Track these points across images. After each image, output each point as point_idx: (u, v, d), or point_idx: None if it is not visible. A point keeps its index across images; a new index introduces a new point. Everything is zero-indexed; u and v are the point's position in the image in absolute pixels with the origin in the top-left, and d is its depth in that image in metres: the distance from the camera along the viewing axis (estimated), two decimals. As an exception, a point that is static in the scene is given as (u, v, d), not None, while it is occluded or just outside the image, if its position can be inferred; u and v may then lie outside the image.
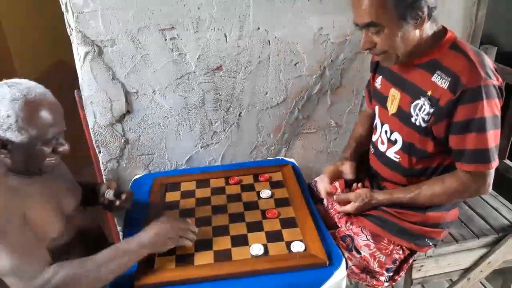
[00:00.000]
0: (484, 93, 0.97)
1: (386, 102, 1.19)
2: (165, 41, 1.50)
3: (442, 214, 1.20)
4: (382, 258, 1.21)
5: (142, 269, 1.07)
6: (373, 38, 1.04)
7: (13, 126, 0.92)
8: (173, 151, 1.72)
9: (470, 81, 0.98)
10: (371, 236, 1.23)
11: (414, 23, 0.99)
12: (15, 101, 0.93)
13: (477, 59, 1.00)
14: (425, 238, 1.21)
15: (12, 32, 3.17)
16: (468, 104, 0.99)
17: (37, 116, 0.95)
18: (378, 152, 1.25)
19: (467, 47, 1.04)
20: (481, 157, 1.03)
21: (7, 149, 0.96)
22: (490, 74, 0.99)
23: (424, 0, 0.97)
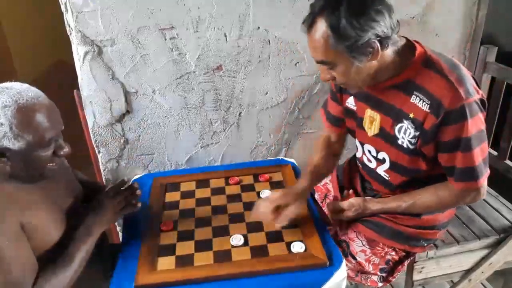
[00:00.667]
0: (468, 112, 0.95)
1: (362, 123, 1.15)
2: (165, 40, 1.49)
3: (437, 216, 1.19)
4: (377, 260, 1.22)
5: (142, 269, 1.06)
6: (330, 72, 1.01)
7: (8, 134, 0.89)
8: (173, 151, 1.72)
9: (452, 103, 0.95)
10: (366, 242, 1.23)
11: (366, 58, 0.94)
12: (6, 108, 0.89)
13: (455, 77, 0.96)
14: (420, 240, 1.21)
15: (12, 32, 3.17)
16: (453, 125, 0.96)
17: (32, 121, 0.91)
18: (367, 168, 1.23)
19: (441, 62, 0.99)
20: (470, 175, 1.02)
21: (6, 157, 0.93)
22: (470, 91, 0.96)
23: (374, 35, 0.91)
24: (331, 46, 0.93)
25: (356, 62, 0.95)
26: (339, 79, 1.02)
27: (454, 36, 1.72)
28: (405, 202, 1.14)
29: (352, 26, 0.90)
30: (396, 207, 1.15)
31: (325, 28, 0.92)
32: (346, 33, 0.90)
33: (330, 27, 0.91)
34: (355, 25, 0.89)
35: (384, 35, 0.92)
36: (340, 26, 0.90)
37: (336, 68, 0.98)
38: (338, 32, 0.91)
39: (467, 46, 1.75)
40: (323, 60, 0.98)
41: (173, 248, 1.14)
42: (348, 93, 1.19)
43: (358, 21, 0.89)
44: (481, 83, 1.63)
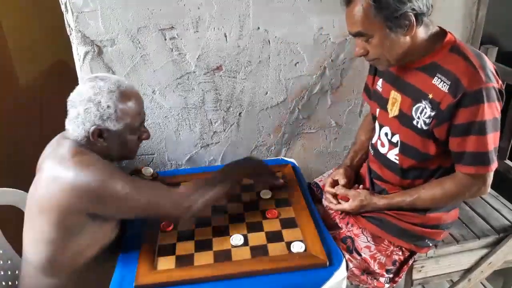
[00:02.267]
0: (485, 96, 0.97)
1: (386, 104, 1.19)
2: (165, 41, 1.49)
3: (442, 215, 1.20)
4: (382, 259, 1.21)
5: (142, 269, 1.07)
6: (365, 45, 1.05)
7: (112, 116, 1.02)
8: (173, 151, 1.72)
9: (471, 84, 0.98)
10: (371, 238, 1.23)
11: (402, 31, 1.00)
12: (112, 93, 1.02)
13: (478, 62, 1.00)
14: (425, 239, 1.21)
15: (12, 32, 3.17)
16: (469, 107, 0.99)
17: (130, 105, 1.05)
18: (378, 153, 1.24)
19: (467, 49, 1.03)
20: (481, 160, 1.03)
21: (103, 138, 1.05)
22: (490, 76, 0.99)
23: (411, 9, 0.96)
24: (370, 16, 0.98)
25: (392, 34, 1.00)
26: (372, 52, 1.05)
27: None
28: (410, 196, 1.15)
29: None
30: (401, 201, 1.16)
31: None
32: (386, 3, 0.96)
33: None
34: None
35: (420, 10, 0.98)
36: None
37: (371, 40, 1.02)
38: (379, 1, 0.96)
39: (467, 46, 1.75)
40: (360, 31, 1.02)
41: (173, 248, 1.14)
42: (379, 76, 1.24)
43: None
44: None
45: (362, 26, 1.01)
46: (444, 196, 1.13)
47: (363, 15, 0.99)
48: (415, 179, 1.18)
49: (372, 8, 0.97)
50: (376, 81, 1.26)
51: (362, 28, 1.01)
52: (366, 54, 1.07)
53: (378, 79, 1.25)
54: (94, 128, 1.02)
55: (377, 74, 1.27)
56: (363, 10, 0.98)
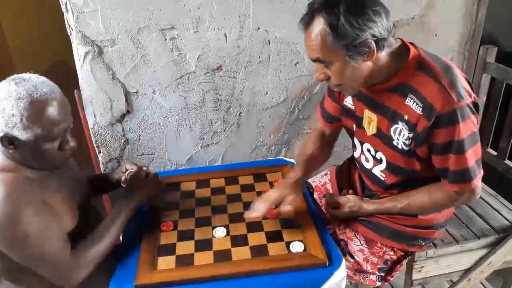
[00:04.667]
0: (459, 116, 0.95)
1: (361, 122, 1.16)
2: (165, 41, 1.50)
3: (434, 216, 1.19)
4: (375, 260, 1.22)
5: (142, 269, 1.07)
6: (325, 71, 1.01)
7: (18, 125, 0.92)
8: (173, 151, 1.72)
9: (443, 106, 0.95)
10: (364, 241, 1.23)
11: (362, 58, 0.95)
12: (20, 100, 0.92)
13: (446, 80, 0.96)
14: (418, 239, 1.21)
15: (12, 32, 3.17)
16: (445, 127, 0.97)
17: (43, 115, 0.94)
18: (364, 168, 1.23)
19: (434, 66, 0.99)
20: (463, 177, 1.02)
21: (14, 145, 0.96)
22: (462, 94, 0.96)
23: (370, 35, 0.91)
24: (328, 44, 0.94)
25: (352, 61, 0.95)
26: (334, 79, 1.02)
27: (454, 36, 1.72)
28: (399, 202, 1.14)
29: (351, 25, 0.90)
30: (391, 207, 1.16)
31: (323, 26, 0.93)
32: (344, 32, 0.91)
33: (329, 25, 0.92)
34: (353, 24, 0.90)
35: (380, 36, 0.93)
36: (339, 25, 0.91)
37: (331, 67, 0.99)
38: (337, 30, 0.91)
39: (466, 46, 1.75)
40: (319, 58, 0.98)
41: (173, 248, 1.14)
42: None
43: (356, 20, 0.90)
44: (481, 83, 1.63)
45: (320, 54, 0.97)
46: (432, 205, 1.12)
47: (321, 42, 0.94)
48: (402, 190, 1.16)
49: (330, 36, 0.92)
50: (344, 97, 1.21)
51: (321, 55, 0.97)
52: (328, 79, 1.03)
53: (345, 96, 1.20)
54: (2, 135, 0.93)
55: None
56: (321, 37, 0.94)
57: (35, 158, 0.99)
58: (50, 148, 0.99)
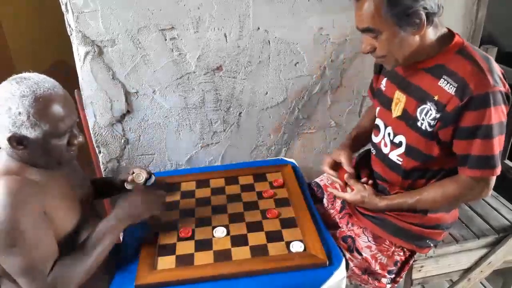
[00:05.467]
0: (492, 100, 0.97)
1: (390, 104, 1.18)
2: (165, 41, 1.50)
3: (442, 215, 1.20)
4: (384, 259, 1.21)
5: (142, 269, 1.07)
6: (373, 42, 1.04)
7: (26, 123, 0.92)
8: (173, 151, 1.72)
9: (478, 87, 0.97)
10: (372, 238, 1.23)
11: (412, 29, 0.98)
12: (24, 98, 0.92)
13: (485, 65, 0.99)
14: (426, 239, 1.21)
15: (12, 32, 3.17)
16: (476, 110, 0.98)
17: (48, 110, 0.94)
18: (381, 154, 1.24)
19: (475, 52, 1.02)
20: (486, 163, 1.03)
21: (23, 145, 0.96)
22: (498, 80, 0.99)
23: (422, 7, 0.95)
24: (382, 12, 0.96)
25: (401, 32, 0.98)
26: (380, 49, 1.04)
27: (454, 36, 1.72)
28: (411, 198, 1.15)
29: None
30: (402, 202, 1.16)
31: None
32: (399, 0, 0.94)
33: None
34: None
35: (431, 10, 0.96)
36: None
37: (380, 36, 1.01)
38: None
39: (466, 46, 1.75)
40: (369, 27, 1.00)
41: (173, 248, 1.14)
42: (384, 74, 1.24)
43: None
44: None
45: (372, 22, 0.99)
46: (445, 199, 1.12)
47: (374, 10, 0.97)
48: (417, 180, 1.17)
49: (384, 4, 0.95)
50: (381, 80, 1.26)
51: (372, 24, 0.99)
52: (373, 51, 1.06)
53: (382, 78, 1.25)
54: (10, 136, 0.93)
55: (382, 73, 1.26)
56: (374, 5, 0.96)
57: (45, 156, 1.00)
58: (59, 144, 0.99)
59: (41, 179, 1.01)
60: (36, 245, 0.95)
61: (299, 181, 1.42)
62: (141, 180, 1.26)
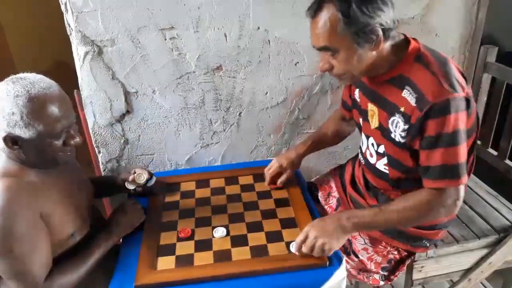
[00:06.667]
0: (451, 107, 0.95)
1: (367, 115, 1.18)
2: (165, 41, 1.50)
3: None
4: (379, 259, 1.22)
5: (142, 269, 1.07)
6: (330, 60, 1.02)
7: (19, 123, 0.91)
8: (173, 151, 1.72)
9: (435, 96, 0.95)
10: (368, 240, 1.23)
11: (369, 46, 0.97)
12: (18, 98, 0.91)
13: (441, 71, 0.97)
14: (422, 240, 1.21)
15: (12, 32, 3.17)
16: (436, 119, 0.96)
17: (42, 111, 0.93)
18: (369, 163, 1.23)
19: (431, 58, 1.00)
20: (450, 173, 0.99)
21: (18, 145, 0.95)
22: (455, 86, 0.96)
23: (379, 24, 0.94)
24: (338, 31, 0.95)
25: (359, 49, 0.98)
26: (338, 67, 1.03)
27: (454, 36, 1.72)
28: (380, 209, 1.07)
29: (362, 12, 0.93)
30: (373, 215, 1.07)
31: (334, 12, 0.95)
32: (355, 18, 0.93)
33: (341, 12, 0.94)
34: (364, 10, 0.93)
35: (387, 25, 0.96)
36: (350, 11, 0.93)
37: (338, 55, 1.00)
38: (348, 16, 0.93)
39: (467, 46, 1.75)
40: (326, 45, 0.99)
41: (173, 248, 1.14)
42: (355, 85, 1.23)
43: (367, 7, 0.93)
44: (481, 83, 1.63)
45: (328, 41, 0.98)
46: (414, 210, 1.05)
47: (330, 29, 0.96)
48: (408, 188, 1.12)
49: (341, 23, 0.94)
50: (353, 90, 1.25)
51: (329, 43, 0.98)
52: (331, 69, 1.04)
53: (354, 88, 1.24)
54: (4, 135, 0.93)
55: (353, 84, 1.25)
56: (331, 24, 0.95)
57: (40, 156, 0.98)
58: (55, 144, 0.98)
59: (39, 181, 1.00)
60: (30, 250, 0.95)
61: (299, 181, 1.42)
62: (142, 180, 1.27)
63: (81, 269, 1.04)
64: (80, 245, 1.09)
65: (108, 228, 1.15)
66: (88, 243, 1.09)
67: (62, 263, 1.03)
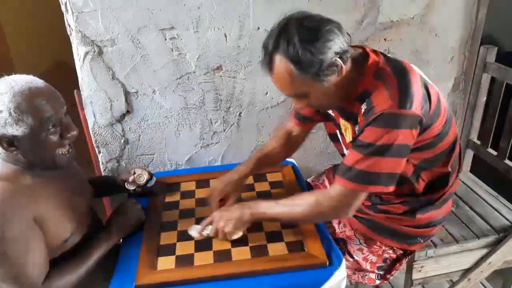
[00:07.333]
0: (394, 121, 0.93)
1: (341, 129, 1.17)
2: (165, 41, 1.50)
3: (431, 213, 1.18)
4: (374, 259, 1.22)
5: (142, 269, 1.07)
6: (304, 101, 1.02)
7: (9, 120, 0.91)
8: (173, 151, 1.72)
9: (381, 108, 0.94)
10: (363, 240, 1.23)
11: (334, 76, 0.96)
12: (2, 95, 0.91)
13: (396, 86, 0.95)
14: (417, 237, 1.21)
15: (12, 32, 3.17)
16: (375, 128, 0.95)
17: (29, 103, 0.92)
18: None
19: (389, 73, 0.98)
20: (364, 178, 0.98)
21: (15, 146, 0.95)
22: (406, 103, 0.94)
23: (334, 53, 0.92)
24: (297, 78, 0.94)
25: (325, 84, 0.97)
26: (315, 104, 1.05)
27: (454, 36, 1.72)
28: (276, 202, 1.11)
29: (311, 53, 0.91)
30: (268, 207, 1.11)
31: (286, 62, 0.93)
32: (308, 62, 0.92)
33: (291, 60, 0.92)
34: (313, 51, 0.91)
35: (342, 50, 0.94)
36: (300, 56, 0.91)
37: (308, 96, 1.00)
38: (300, 63, 0.92)
39: (466, 46, 1.75)
40: (293, 93, 1.00)
41: (173, 248, 1.14)
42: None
43: (315, 47, 0.91)
44: (481, 83, 1.63)
45: (292, 90, 0.98)
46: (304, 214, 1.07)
47: (289, 79, 0.95)
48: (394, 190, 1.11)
49: (296, 71, 0.93)
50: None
51: (293, 91, 0.99)
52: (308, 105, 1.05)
53: None
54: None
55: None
56: (287, 74, 0.94)
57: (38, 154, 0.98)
58: (51, 139, 0.97)
59: (35, 185, 1.00)
60: (24, 253, 0.94)
61: (299, 181, 1.42)
62: (143, 181, 1.27)
63: (81, 269, 1.04)
64: (79, 246, 1.09)
65: (108, 228, 1.15)
66: (88, 244, 1.09)
67: (61, 264, 1.03)
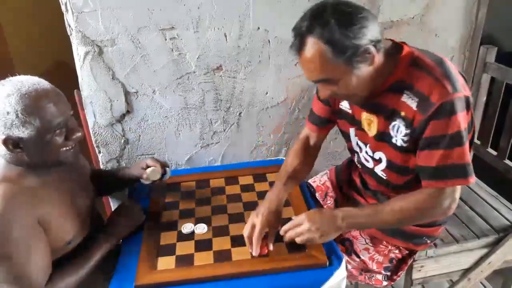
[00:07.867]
0: (454, 107, 0.94)
1: (361, 124, 1.15)
2: (165, 41, 1.50)
3: None
4: (380, 259, 1.22)
5: (142, 269, 1.07)
6: (330, 87, 1.00)
7: (15, 122, 0.91)
8: (173, 151, 1.72)
9: (438, 98, 0.94)
10: (369, 239, 1.23)
11: (365, 64, 0.95)
12: (10, 97, 0.91)
13: (441, 72, 0.96)
14: (423, 237, 1.21)
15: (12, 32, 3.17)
16: (440, 120, 0.95)
17: (36, 105, 0.93)
18: (367, 168, 1.22)
19: (427, 60, 0.99)
20: (452, 173, 0.98)
21: (20, 148, 0.95)
22: (456, 86, 0.95)
23: (368, 41, 0.92)
24: (329, 61, 0.93)
25: (356, 71, 0.95)
26: (341, 93, 1.01)
27: (454, 36, 1.72)
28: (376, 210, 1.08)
29: (347, 37, 0.90)
30: (368, 215, 1.07)
31: (320, 45, 0.92)
32: (344, 46, 0.91)
33: (325, 43, 0.91)
34: (349, 35, 0.90)
35: (376, 39, 0.94)
36: (337, 39, 0.90)
37: (337, 82, 0.98)
38: (336, 46, 0.91)
39: (466, 46, 1.75)
40: (322, 78, 0.98)
41: (173, 248, 1.14)
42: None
43: (351, 31, 0.90)
44: (481, 83, 1.63)
45: (324, 73, 0.96)
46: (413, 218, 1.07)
47: (322, 60, 0.93)
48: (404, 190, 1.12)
49: (331, 54, 0.91)
50: (339, 101, 1.20)
51: (324, 75, 0.96)
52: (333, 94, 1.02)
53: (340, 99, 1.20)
54: (4, 138, 0.92)
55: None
56: (320, 56, 0.92)
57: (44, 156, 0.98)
58: (56, 140, 0.98)
59: (39, 187, 1.00)
60: (27, 255, 0.94)
61: (299, 181, 1.42)
62: (158, 177, 1.26)
63: (81, 270, 1.05)
64: (80, 247, 1.09)
65: (108, 229, 1.15)
66: (88, 244, 1.09)
67: (62, 266, 1.03)
